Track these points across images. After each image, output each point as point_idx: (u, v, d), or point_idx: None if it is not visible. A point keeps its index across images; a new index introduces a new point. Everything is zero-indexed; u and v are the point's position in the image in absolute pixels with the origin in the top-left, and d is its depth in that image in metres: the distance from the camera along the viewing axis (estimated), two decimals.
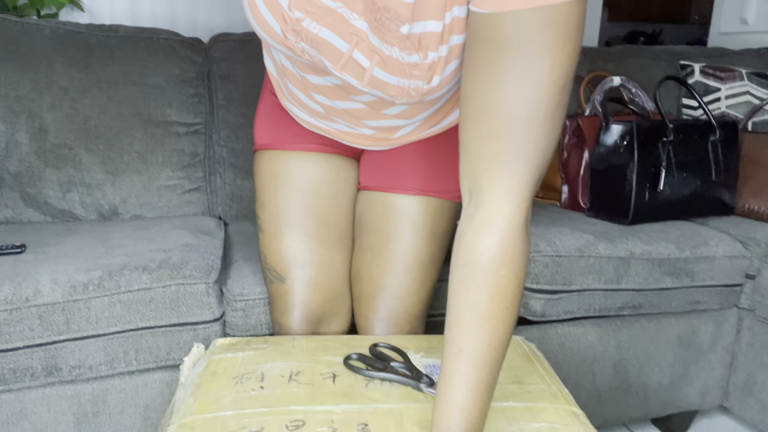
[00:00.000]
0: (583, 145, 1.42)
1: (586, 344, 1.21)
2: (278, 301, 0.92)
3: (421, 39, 0.61)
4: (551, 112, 0.53)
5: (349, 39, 0.62)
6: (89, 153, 1.28)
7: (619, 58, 1.71)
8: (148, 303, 0.94)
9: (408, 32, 0.61)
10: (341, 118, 0.82)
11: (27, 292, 0.89)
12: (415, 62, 0.63)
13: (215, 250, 1.06)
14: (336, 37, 0.62)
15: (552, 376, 0.78)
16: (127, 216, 1.31)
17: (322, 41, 0.63)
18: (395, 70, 0.64)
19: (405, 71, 0.64)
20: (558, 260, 1.13)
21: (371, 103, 0.76)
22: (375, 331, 0.91)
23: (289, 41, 0.65)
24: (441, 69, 0.63)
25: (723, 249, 1.23)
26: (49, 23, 1.31)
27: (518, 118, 0.52)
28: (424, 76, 0.63)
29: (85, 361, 0.93)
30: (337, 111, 0.80)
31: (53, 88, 1.26)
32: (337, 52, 0.64)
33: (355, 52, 0.63)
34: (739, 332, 1.31)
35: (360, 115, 0.80)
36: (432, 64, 0.62)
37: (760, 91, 1.65)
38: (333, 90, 0.76)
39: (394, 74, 0.64)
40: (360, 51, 0.63)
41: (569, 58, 0.51)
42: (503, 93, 0.52)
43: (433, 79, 0.64)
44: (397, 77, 0.64)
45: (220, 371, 0.74)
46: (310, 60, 0.67)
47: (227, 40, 1.41)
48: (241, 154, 1.39)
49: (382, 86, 0.66)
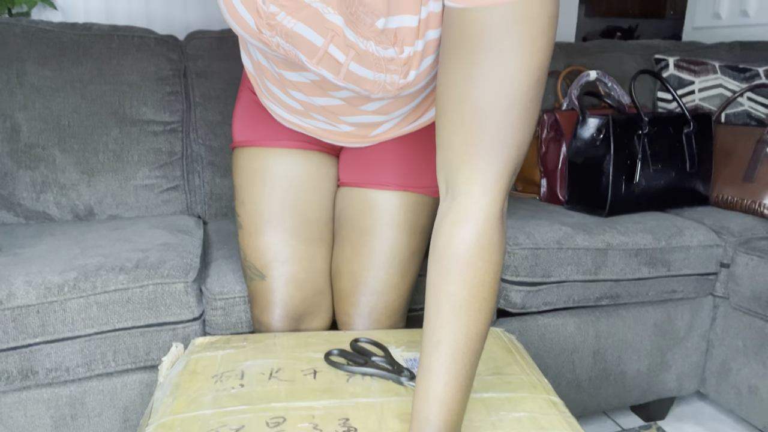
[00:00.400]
0: (561, 139, 1.43)
1: (565, 335, 1.22)
2: (258, 299, 0.91)
3: (397, 33, 0.61)
4: (525, 106, 0.53)
5: (325, 33, 0.62)
6: (63, 153, 1.26)
7: (595, 52, 1.73)
8: (125, 303, 0.93)
9: (383, 27, 0.61)
10: (320, 114, 0.82)
11: (0, 295, 0.87)
12: (390, 57, 0.63)
13: (194, 249, 1.05)
14: (311, 31, 0.62)
15: (531, 366, 0.79)
16: (104, 216, 1.30)
17: (297, 36, 0.63)
18: (371, 65, 0.64)
19: (381, 66, 0.64)
20: (537, 252, 1.14)
21: (349, 99, 0.76)
22: (356, 326, 0.91)
23: (264, 36, 0.64)
24: (417, 64, 0.63)
25: (698, 239, 1.25)
26: (20, 21, 1.28)
27: (493, 111, 0.53)
28: (400, 70, 0.64)
29: (61, 363, 0.92)
30: (315, 107, 0.80)
31: (25, 88, 1.24)
32: (313, 47, 0.64)
33: (330, 47, 0.63)
34: (715, 320, 1.34)
35: (338, 111, 0.80)
36: (408, 59, 0.63)
37: (732, 83, 1.68)
38: (310, 86, 0.76)
39: (370, 68, 0.64)
40: (335, 45, 0.63)
41: (543, 53, 0.52)
42: (478, 87, 0.52)
43: (410, 73, 0.64)
44: (373, 72, 0.64)
45: (200, 370, 0.74)
46: (285, 55, 0.67)
47: (204, 38, 1.40)
48: (220, 152, 1.38)
49: (359, 81, 0.66)
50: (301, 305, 0.91)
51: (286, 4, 0.61)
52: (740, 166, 1.42)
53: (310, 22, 0.62)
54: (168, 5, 1.79)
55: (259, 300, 0.91)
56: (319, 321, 0.94)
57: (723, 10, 2.40)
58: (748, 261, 1.24)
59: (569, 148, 1.38)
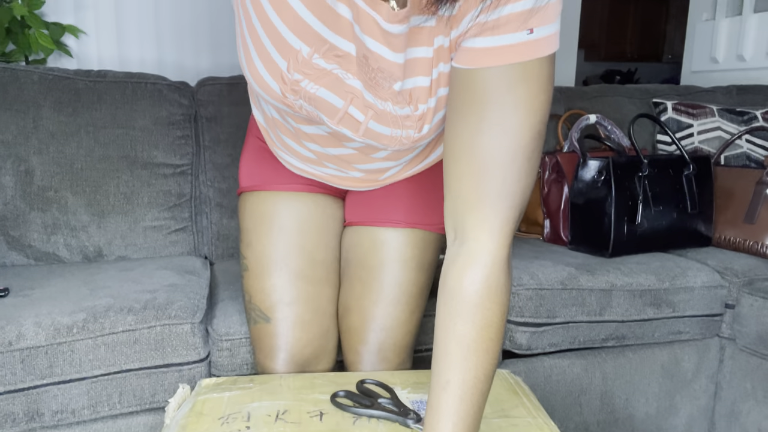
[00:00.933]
0: (563, 180, 1.45)
1: (572, 376, 1.22)
2: (262, 343, 0.91)
3: (412, 93, 0.66)
4: (528, 156, 0.57)
5: (345, 96, 0.67)
6: (75, 195, 1.29)
7: (594, 96, 1.77)
8: (132, 344, 0.93)
9: (400, 88, 0.66)
10: (332, 163, 0.85)
11: (10, 336, 0.88)
12: (406, 114, 0.68)
13: (201, 290, 1.06)
14: (332, 95, 0.67)
15: (538, 409, 0.78)
16: (112, 257, 1.31)
17: (319, 99, 0.68)
18: (388, 122, 0.69)
19: (398, 122, 0.68)
20: (541, 293, 1.14)
21: (362, 149, 0.79)
22: (364, 364, 0.91)
23: (287, 99, 0.69)
24: (430, 118, 0.68)
25: (701, 279, 1.26)
26: (38, 69, 1.33)
27: (498, 163, 0.57)
28: (415, 125, 0.68)
29: (67, 405, 0.92)
30: (329, 157, 0.83)
31: (40, 132, 1.28)
32: (334, 109, 0.68)
33: (350, 108, 0.68)
34: (722, 361, 1.33)
35: (351, 159, 0.82)
36: (422, 115, 0.67)
37: (731, 126, 1.72)
38: (326, 138, 0.79)
39: (388, 125, 0.69)
40: (355, 106, 0.68)
41: (542, 108, 0.56)
42: (484, 140, 0.57)
43: (423, 128, 0.69)
44: (390, 128, 0.69)
45: (206, 412, 0.74)
46: (308, 115, 0.71)
47: (214, 84, 1.45)
48: (228, 194, 1.40)
49: (377, 137, 0.71)
50: (307, 348, 0.91)
51: (309, 72, 0.65)
52: (741, 207, 1.44)
53: (332, 87, 0.66)
54: (179, 52, 1.85)
55: (263, 344, 0.91)
56: (323, 365, 0.94)
57: (720, 55, 2.47)
58: (753, 302, 1.24)
59: (571, 189, 1.40)
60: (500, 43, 0.55)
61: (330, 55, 0.64)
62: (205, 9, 1.85)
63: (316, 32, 0.62)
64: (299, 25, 0.62)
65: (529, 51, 0.54)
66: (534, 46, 0.55)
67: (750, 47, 2.33)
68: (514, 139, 0.56)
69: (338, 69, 0.65)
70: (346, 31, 0.62)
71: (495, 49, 0.55)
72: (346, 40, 0.63)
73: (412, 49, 0.62)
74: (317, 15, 0.61)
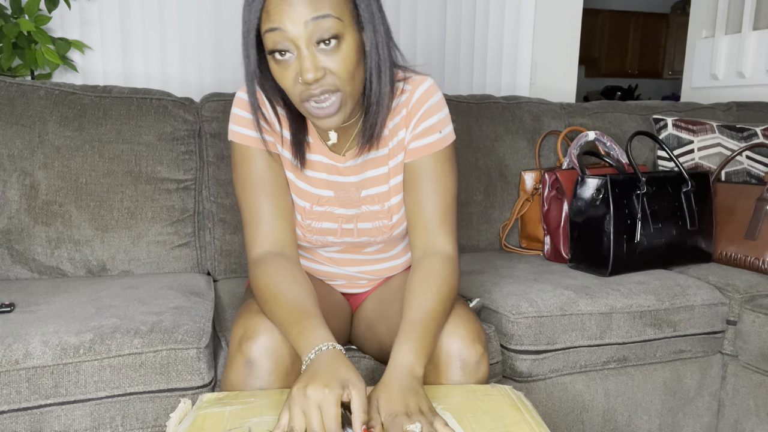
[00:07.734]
0: (563, 197, 1.46)
1: (574, 393, 1.21)
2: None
3: (376, 197, 0.97)
4: (455, 199, 0.94)
5: (337, 220, 0.97)
6: (79, 210, 1.30)
7: (595, 113, 1.78)
8: (138, 368, 0.93)
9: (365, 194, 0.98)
10: (344, 268, 1.05)
11: (17, 355, 0.88)
12: (378, 210, 0.96)
13: (206, 313, 1.06)
14: (330, 223, 0.97)
15: (540, 425, 0.78)
16: (116, 272, 1.32)
17: (323, 230, 0.97)
18: (369, 219, 0.97)
19: (375, 217, 0.97)
20: (540, 320, 1.14)
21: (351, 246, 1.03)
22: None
23: (304, 237, 0.98)
24: (394, 207, 0.97)
25: (702, 297, 1.26)
26: (44, 84, 1.35)
27: (443, 209, 0.92)
28: (386, 216, 0.97)
29: (70, 426, 0.92)
30: (341, 261, 1.04)
31: (46, 147, 1.29)
32: (333, 230, 0.97)
33: (344, 225, 0.97)
34: (725, 378, 1.33)
35: (353, 262, 1.05)
36: (389, 208, 0.96)
37: (731, 143, 1.72)
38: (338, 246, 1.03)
39: (369, 221, 0.97)
40: (346, 222, 0.97)
41: (456, 176, 0.94)
42: (431, 200, 0.91)
43: (393, 217, 0.97)
44: (371, 222, 0.97)
45: (207, 427, 0.74)
46: (318, 241, 0.98)
47: (218, 100, 1.46)
48: (230, 210, 1.41)
49: (366, 231, 0.98)
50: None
51: (313, 216, 0.95)
52: (742, 224, 1.44)
53: (328, 219, 0.96)
54: (184, 68, 1.87)
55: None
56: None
57: (720, 71, 2.49)
58: (755, 318, 1.24)
59: (570, 207, 1.40)
60: (426, 142, 0.90)
61: (321, 203, 0.95)
62: (210, 25, 1.88)
63: (312, 193, 0.95)
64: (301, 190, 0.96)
65: (441, 143, 0.91)
66: (444, 140, 0.91)
67: (750, 64, 2.35)
68: (448, 194, 0.92)
69: (329, 208, 0.95)
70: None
71: (424, 146, 0.90)
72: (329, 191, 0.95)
73: (369, 171, 0.95)
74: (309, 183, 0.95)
